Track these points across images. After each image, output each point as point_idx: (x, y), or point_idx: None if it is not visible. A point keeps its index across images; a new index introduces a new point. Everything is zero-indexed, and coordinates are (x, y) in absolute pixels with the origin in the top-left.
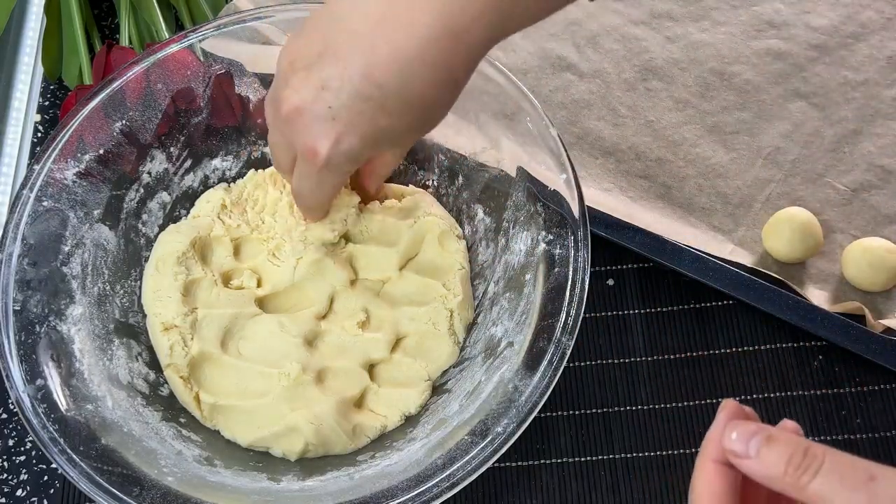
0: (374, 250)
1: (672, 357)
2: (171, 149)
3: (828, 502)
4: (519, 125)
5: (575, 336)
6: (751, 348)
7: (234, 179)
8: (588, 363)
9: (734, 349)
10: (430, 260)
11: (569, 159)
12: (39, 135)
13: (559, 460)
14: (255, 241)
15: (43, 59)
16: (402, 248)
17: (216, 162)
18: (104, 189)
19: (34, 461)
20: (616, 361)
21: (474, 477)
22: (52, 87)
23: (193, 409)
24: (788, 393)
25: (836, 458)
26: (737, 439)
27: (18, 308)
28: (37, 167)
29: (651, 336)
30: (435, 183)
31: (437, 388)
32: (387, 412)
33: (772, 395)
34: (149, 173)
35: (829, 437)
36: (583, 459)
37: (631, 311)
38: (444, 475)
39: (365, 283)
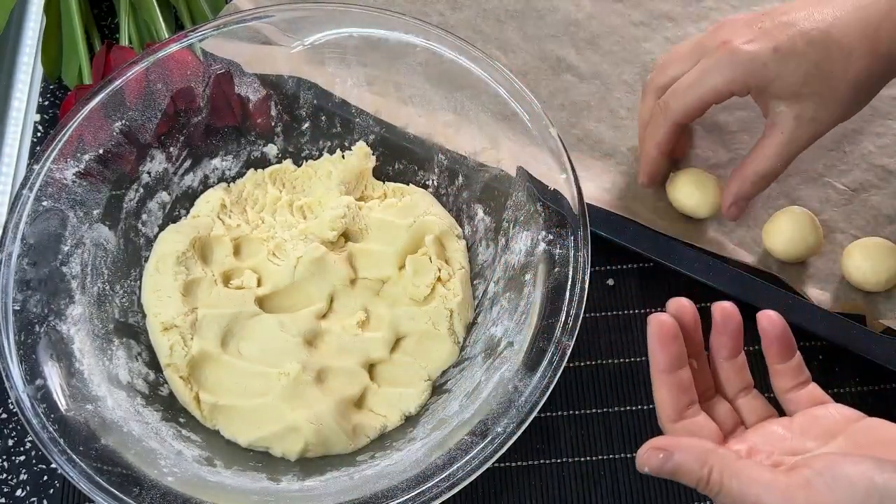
0: (374, 249)
1: None
2: (171, 148)
3: None
4: (519, 125)
5: (575, 336)
6: (751, 348)
7: (233, 179)
8: (588, 363)
9: None
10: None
11: (569, 159)
12: (39, 134)
13: (559, 460)
14: (255, 240)
15: (42, 58)
16: (402, 248)
17: (216, 161)
18: (104, 189)
19: (34, 461)
20: (616, 361)
21: (474, 477)
22: (51, 87)
23: (193, 409)
24: None
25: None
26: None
27: (18, 308)
28: (36, 167)
29: None
30: (435, 182)
31: (437, 388)
32: (387, 412)
33: (771, 395)
34: (148, 173)
35: None
36: (583, 459)
37: (631, 311)
38: (444, 475)
39: (365, 282)
